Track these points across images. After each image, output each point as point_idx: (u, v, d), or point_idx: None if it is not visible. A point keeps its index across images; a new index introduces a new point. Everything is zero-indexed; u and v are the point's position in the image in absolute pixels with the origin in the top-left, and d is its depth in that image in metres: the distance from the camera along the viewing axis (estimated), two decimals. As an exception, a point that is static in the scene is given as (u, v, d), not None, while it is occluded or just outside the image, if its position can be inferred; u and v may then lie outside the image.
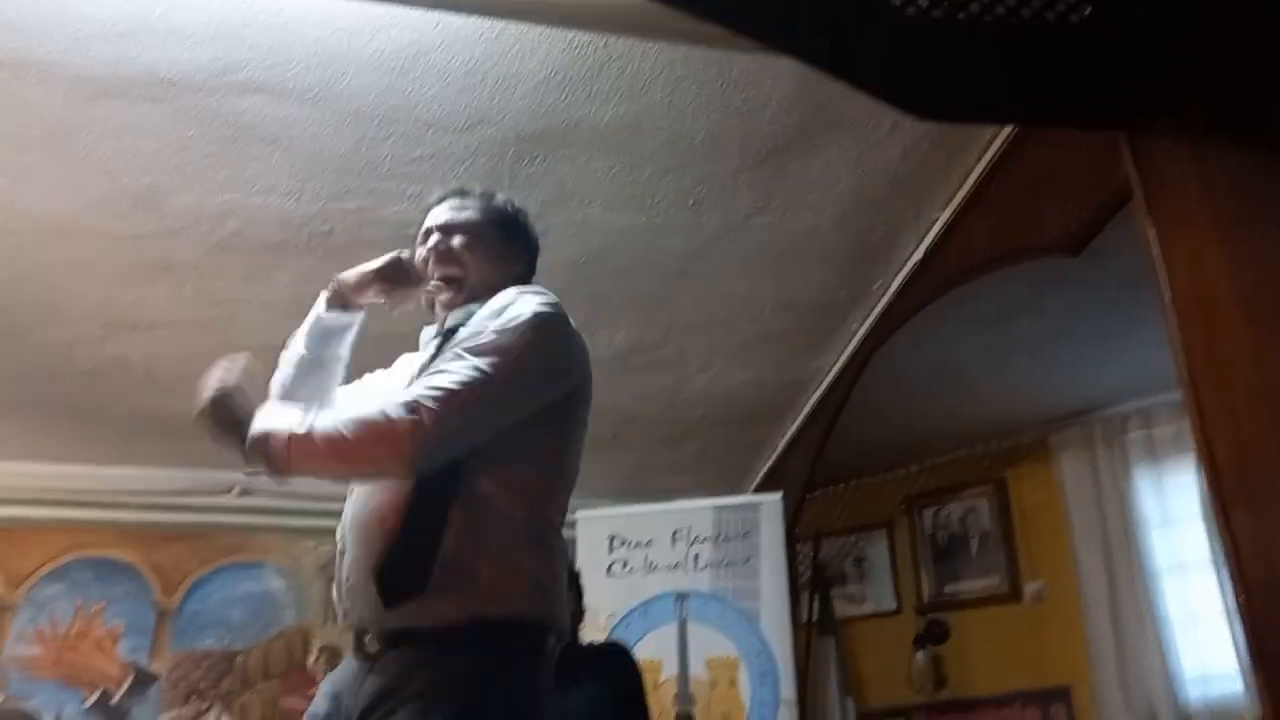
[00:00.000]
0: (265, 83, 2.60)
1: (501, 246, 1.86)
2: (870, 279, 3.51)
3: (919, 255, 3.31)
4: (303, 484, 1.69)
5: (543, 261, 3.30)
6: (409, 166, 2.92)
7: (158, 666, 4.51)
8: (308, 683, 4.55)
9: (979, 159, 2.94)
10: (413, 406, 1.48)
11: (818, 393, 4.21)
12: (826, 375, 4.09)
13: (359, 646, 1.54)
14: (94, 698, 4.40)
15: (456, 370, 1.54)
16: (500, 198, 1.93)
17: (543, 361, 1.62)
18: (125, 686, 4.45)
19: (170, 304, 3.50)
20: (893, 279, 3.48)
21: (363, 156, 2.87)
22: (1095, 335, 3.98)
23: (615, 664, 2.82)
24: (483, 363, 1.55)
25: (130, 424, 4.10)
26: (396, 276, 1.81)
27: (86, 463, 4.59)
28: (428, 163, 2.91)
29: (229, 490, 4.70)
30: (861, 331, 3.77)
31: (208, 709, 4.47)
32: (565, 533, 4.18)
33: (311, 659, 4.62)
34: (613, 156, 2.91)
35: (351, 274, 1.83)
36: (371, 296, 1.83)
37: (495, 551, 1.52)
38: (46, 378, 3.90)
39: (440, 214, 1.87)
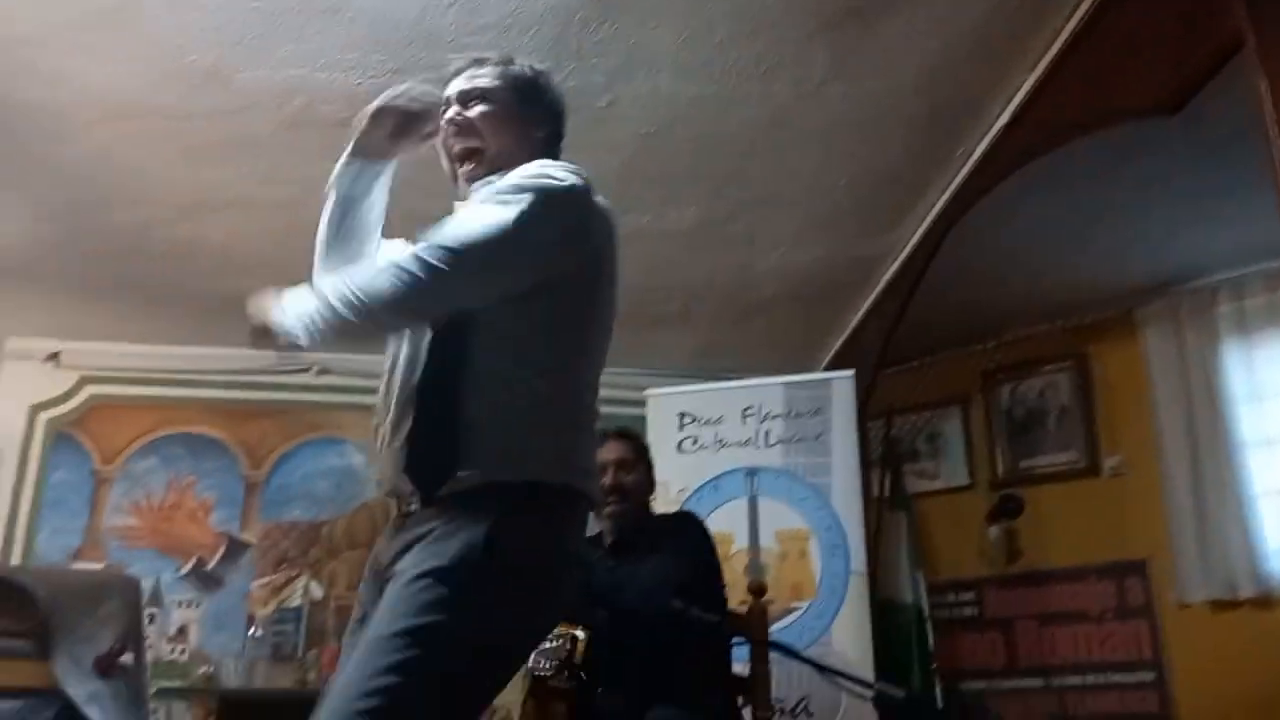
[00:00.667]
0: (325, -49, 2.54)
1: (521, 111, 1.79)
2: (951, 148, 3.37)
3: (1004, 121, 3.16)
4: (380, 361, 1.72)
5: (609, 134, 3.28)
6: (473, 36, 2.84)
7: (248, 536, 4.71)
8: (390, 552, 4.71)
9: (1069, 17, 2.76)
10: (416, 259, 1.50)
11: (893, 268, 4.11)
12: (902, 249, 3.98)
13: (397, 512, 1.61)
14: (189, 565, 4.62)
15: (460, 227, 1.55)
16: (518, 62, 1.85)
17: (549, 228, 1.58)
18: (219, 554, 4.66)
19: (242, 183, 3.52)
20: (974, 147, 3.33)
21: (426, 26, 2.81)
22: (1183, 204, 3.81)
23: (687, 531, 2.86)
24: (485, 222, 1.54)
25: (210, 303, 4.18)
26: (400, 118, 1.77)
27: (170, 342, 4.73)
28: (492, 31, 2.83)
29: (308, 369, 4.80)
30: (940, 203, 3.64)
31: (297, 575, 4.67)
32: (635, 410, 4.22)
33: (393, 530, 4.77)
34: (683, 20, 2.81)
35: (360, 120, 1.80)
36: (388, 144, 1.80)
37: (514, 423, 1.55)
38: (126, 258, 3.98)
39: (456, 84, 1.81)
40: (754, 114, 3.19)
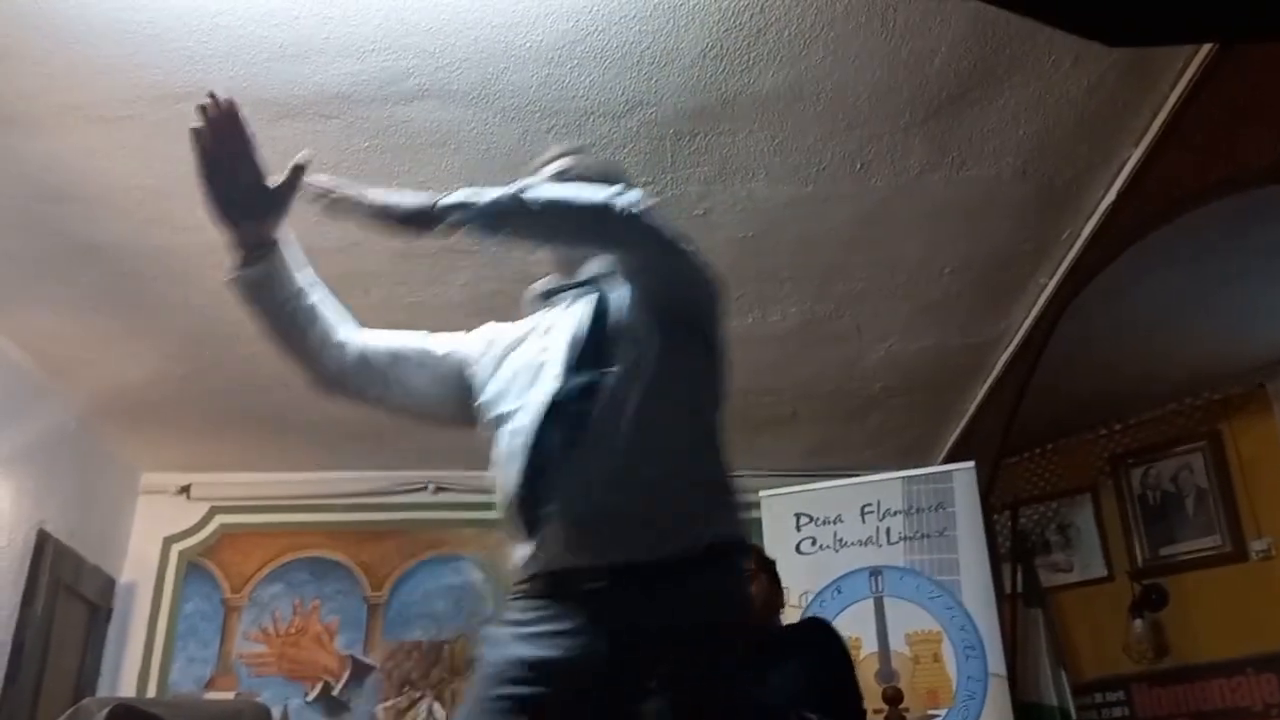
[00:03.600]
0: (430, 87, 2.67)
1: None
2: (1058, 228, 3.31)
3: (1110, 199, 3.09)
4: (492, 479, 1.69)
5: (707, 240, 3.28)
6: (573, 157, 2.93)
7: (373, 658, 4.74)
8: (511, 670, 4.68)
9: (1172, 88, 2.72)
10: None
11: (1006, 354, 4.02)
12: (1015, 335, 3.89)
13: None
14: (316, 690, 4.66)
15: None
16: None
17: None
18: (344, 678, 4.70)
19: (359, 313, 3.64)
20: (1082, 226, 3.27)
21: (528, 150, 2.89)
22: (1310, 269, 3.65)
23: (821, 640, 2.76)
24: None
25: (329, 429, 4.30)
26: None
27: (293, 469, 4.86)
28: (590, 151, 2.91)
29: (424, 488, 4.89)
30: (1051, 285, 3.56)
31: (420, 697, 4.67)
32: (751, 513, 4.15)
33: (513, 647, 4.74)
34: (775, 126, 2.85)
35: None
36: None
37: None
38: (249, 391, 4.14)
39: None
40: (852, 209, 3.19)
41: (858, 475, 4.43)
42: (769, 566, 2.90)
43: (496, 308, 3.43)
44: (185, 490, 4.92)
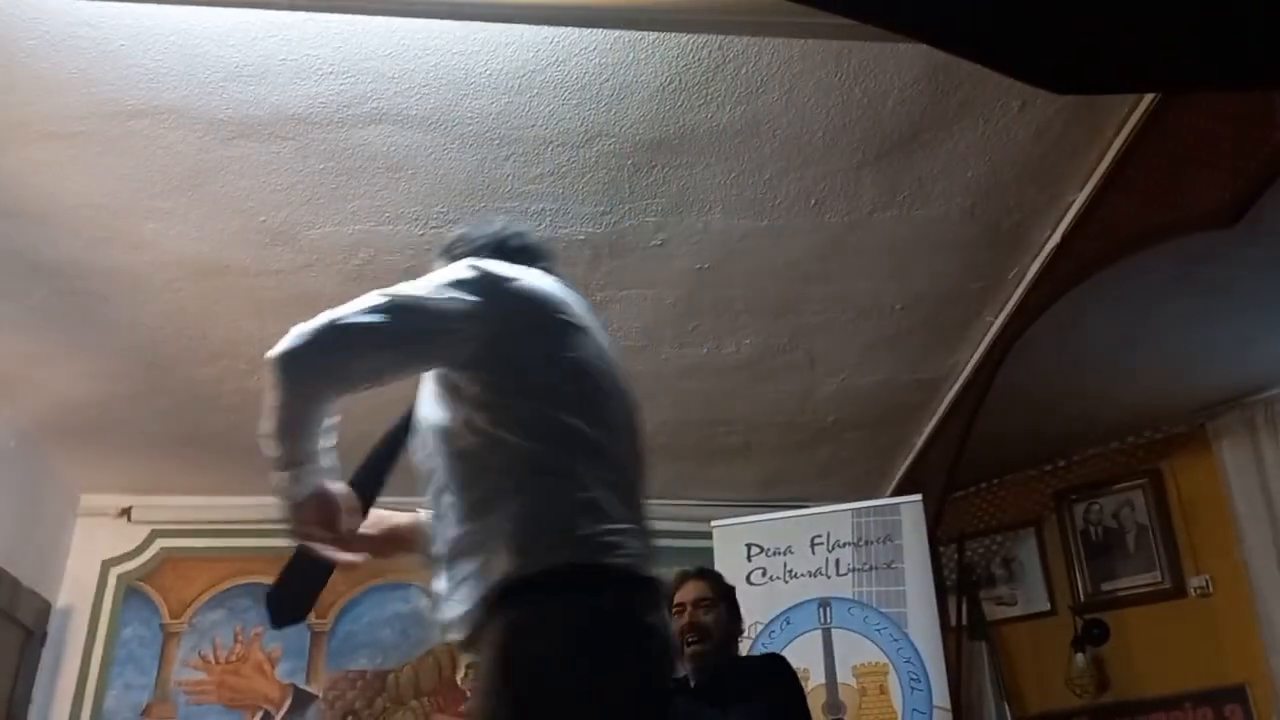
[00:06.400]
0: (388, 111, 2.67)
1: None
2: (1004, 268, 3.38)
3: (1056, 240, 3.17)
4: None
5: (663, 271, 3.34)
6: (530, 185, 2.94)
7: (315, 687, 4.65)
8: (458, 699, 4.63)
9: (1117, 133, 2.80)
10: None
11: (954, 390, 4.08)
12: (962, 371, 3.95)
13: None
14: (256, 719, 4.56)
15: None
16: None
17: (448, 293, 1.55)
18: (285, 707, 4.60)
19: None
20: (1029, 267, 3.34)
21: (485, 178, 2.91)
22: (1249, 313, 3.75)
23: (779, 678, 2.75)
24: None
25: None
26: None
27: (239, 493, 4.77)
28: (548, 180, 2.93)
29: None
30: (997, 323, 3.63)
31: (364, 728, 4.59)
32: (702, 541, 4.14)
33: (460, 675, 4.69)
34: (732, 160, 2.88)
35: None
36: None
37: None
38: (198, 413, 4.07)
39: None
40: (806, 243, 3.24)
41: (808, 506, 4.46)
42: (728, 595, 2.87)
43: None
44: (126, 513, 4.80)
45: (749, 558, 4.25)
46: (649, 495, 1.62)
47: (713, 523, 4.37)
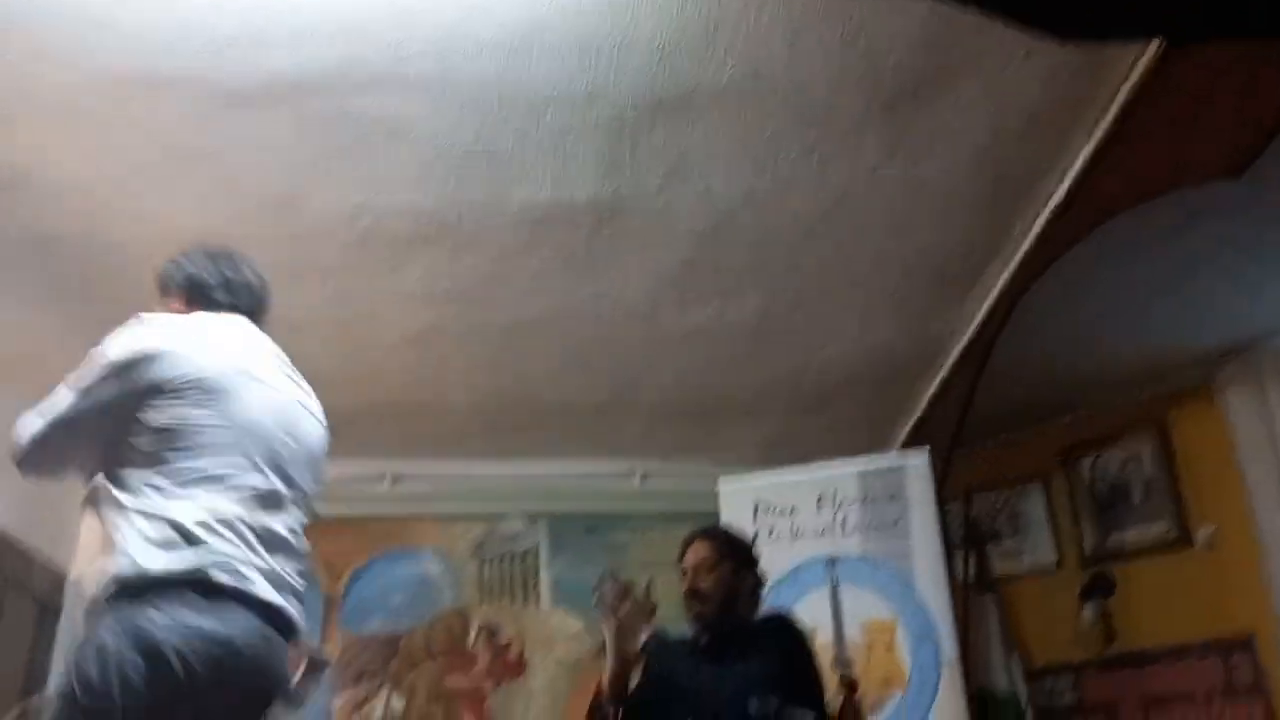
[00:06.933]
0: (386, 77, 2.64)
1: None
2: (1010, 223, 3.35)
3: (1062, 193, 3.14)
4: (452, 469, 1.73)
5: (665, 234, 3.32)
6: (528, 151, 2.92)
7: (329, 651, 4.70)
8: (468, 661, 4.68)
9: (1123, 84, 2.76)
10: None
11: (959, 347, 4.06)
12: (968, 328, 3.94)
13: None
14: (272, 684, 4.60)
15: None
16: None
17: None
18: (300, 671, 4.64)
19: (312, 304, 3.62)
20: (1034, 221, 3.31)
21: (484, 141, 2.89)
22: (1255, 264, 3.72)
23: (783, 634, 2.77)
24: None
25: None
26: None
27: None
28: (546, 145, 2.91)
29: (380, 479, 4.85)
30: (1003, 279, 3.61)
31: (377, 689, 4.64)
32: (708, 503, 4.16)
33: (470, 638, 4.74)
34: (733, 119, 2.86)
35: None
36: None
37: None
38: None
39: None
40: (810, 202, 3.21)
41: (815, 465, 4.47)
42: (735, 552, 2.84)
43: (453, 297, 3.44)
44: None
45: (755, 517, 4.27)
46: None
47: (720, 480, 4.39)
